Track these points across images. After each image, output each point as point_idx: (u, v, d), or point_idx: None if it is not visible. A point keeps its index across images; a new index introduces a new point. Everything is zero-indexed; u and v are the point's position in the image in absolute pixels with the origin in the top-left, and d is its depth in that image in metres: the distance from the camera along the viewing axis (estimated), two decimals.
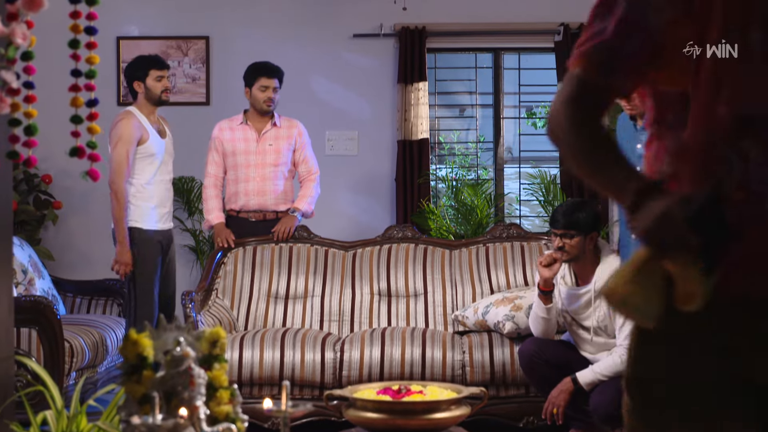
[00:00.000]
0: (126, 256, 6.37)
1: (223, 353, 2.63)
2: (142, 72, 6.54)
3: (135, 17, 8.34)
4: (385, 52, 8.38)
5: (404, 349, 6.02)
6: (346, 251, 6.98)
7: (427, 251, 6.91)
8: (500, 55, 8.62)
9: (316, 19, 8.36)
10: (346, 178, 8.36)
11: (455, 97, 9.19)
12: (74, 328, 6.35)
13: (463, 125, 9.72)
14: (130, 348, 2.45)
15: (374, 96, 8.40)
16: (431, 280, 6.78)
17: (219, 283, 6.80)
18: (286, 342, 6.08)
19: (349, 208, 8.37)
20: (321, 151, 8.24)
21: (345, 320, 6.67)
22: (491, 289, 6.71)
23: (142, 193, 6.47)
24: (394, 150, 8.33)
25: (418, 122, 8.16)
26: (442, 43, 8.47)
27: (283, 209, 6.94)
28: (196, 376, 2.48)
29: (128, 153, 6.34)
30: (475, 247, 6.94)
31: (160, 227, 6.57)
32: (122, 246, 6.38)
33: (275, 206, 6.93)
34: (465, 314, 6.39)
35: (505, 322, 6.03)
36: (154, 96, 6.55)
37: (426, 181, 8.16)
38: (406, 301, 6.73)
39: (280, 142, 6.95)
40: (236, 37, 8.33)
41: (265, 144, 6.92)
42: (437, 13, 8.32)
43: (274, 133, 6.96)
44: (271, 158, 6.90)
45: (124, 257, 6.37)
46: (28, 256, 6.95)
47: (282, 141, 6.95)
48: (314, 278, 6.83)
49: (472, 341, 6.13)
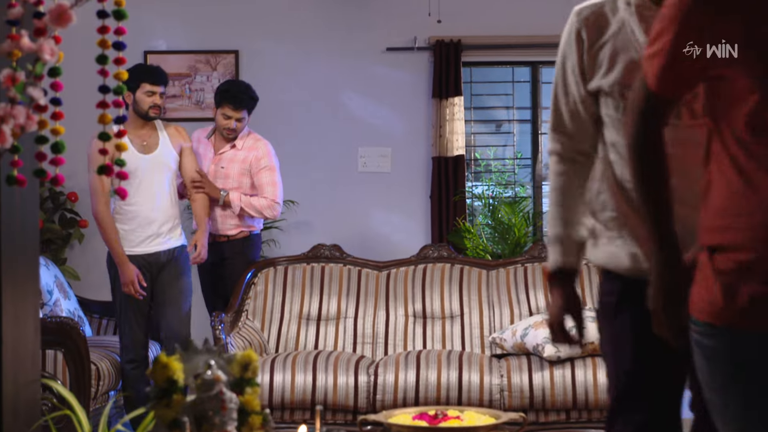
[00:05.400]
0: (128, 275, 6.14)
1: (256, 377, 2.63)
2: (133, 83, 6.19)
3: (162, 31, 8.38)
4: (419, 66, 8.38)
5: (440, 373, 6.00)
6: (380, 271, 6.97)
7: (463, 271, 6.90)
8: (538, 69, 8.60)
9: (348, 33, 8.37)
10: (379, 197, 8.36)
11: (492, 112, 9.17)
12: (101, 350, 6.37)
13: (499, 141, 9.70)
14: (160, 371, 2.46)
15: (408, 111, 8.40)
16: (468, 301, 6.76)
17: (249, 304, 6.81)
18: (318, 365, 6.07)
19: (382, 227, 8.36)
20: (353, 168, 8.25)
21: (379, 343, 6.66)
22: (530, 311, 6.69)
23: (120, 214, 6.24)
24: (428, 167, 8.32)
25: (454, 138, 8.15)
26: (478, 56, 8.46)
27: (234, 233, 6.70)
28: (227, 400, 2.48)
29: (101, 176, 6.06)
30: (513, 267, 6.92)
31: (143, 251, 6.26)
32: (120, 266, 6.16)
33: (225, 230, 6.70)
34: (503, 337, 6.37)
35: (545, 345, 6.01)
36: (141, 110, 6.25)
37: (462, 198, 8.15)
38: (442, 323, 6.72)
39: (233, 165, 6.70)
40: (266, 51, 8.35)
41: (218, 166, 6.71)
42: (473, 26, 8.32)
43: (230, 155, 6.73)
44: (219, 183, 6.66)
45: (125, 276, 6.15)
46: (54, 276, 6.98)
47: (235, 164, 6.70)
48: (347, 299, 6.83)
49: (510, 365, 6.10)
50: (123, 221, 6.23)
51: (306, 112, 8.30)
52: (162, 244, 6.29)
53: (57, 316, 6.11)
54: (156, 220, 6.26)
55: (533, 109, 8.63)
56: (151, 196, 6.24)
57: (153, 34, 8.35)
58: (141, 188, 6.20)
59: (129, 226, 6.23)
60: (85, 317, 7.18)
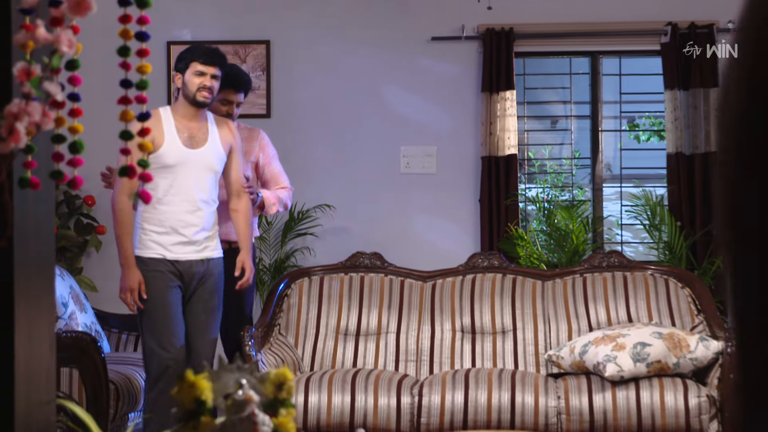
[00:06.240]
0: (130, 280, 5.81)
1: (290, 397, 2.63)
2: (183, 62, 6.03)
3: (187, 19, 8.42)
4: (467, 57, 8.37)
5: (491, 394, 5.99)
6: (425, 282, 6.97)
7: (516, 282, 6.88)
8: (598, 59, 8.57)
9: (389, 21, 8.38)
10: (423, 200, 8.35)
11: (547, 108, 9.17)
12: (120, 368, 6.40)
13: (555, 139, 9.68)
14: (187, 391, 2.46)
15: (455, 107, 8.39)
16: (521, 315, 6.75)
17: (281, 318, 6.83)
18: (357, 384, 6.08)
19: (427, 234, 8.36)
20: (395, 169, 8.25)
21: (423, 360, 6.66)
22: (590, 326, 6.67)
23: (149, 213, 5.90)
24: (477, 167, 8.31)
25: (505, 136, 8.14)
26: (532, 46, 8.45)
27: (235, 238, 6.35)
28: (260, 422, 2.48)
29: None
30: (570, 277, 6.90)
31: (174, 257, 5.91)
32: (125, 267, 5.82)
33: (229, 236, 6.41)
34: (560, 354, 6.35)
35: (606, 364, 5.98)
36: (189, 94, 5.94)
37: (514, 202, 8.13)
38: (493, 338, 6.71)
39: None
40: (300, 41, 8.37)
41: None
42: (526, 13, 8.30)
43: None
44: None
45: (125, 281, 5.82)
46: (69, 287, 7.02)
47: None
48: (389, 313, 6.83)
49: (568, 385, 6.08)
50: (153, 222, 5.88)
51: (343, 109, 8.31)
52: (196, 253, 5.96)
53: (72, 330, 6.15)
54: (192, 225, 5.92)
55: (593, 104, 8.59)
56: (190, 197, 5.91)
57: (177, 23, 8.39)
58: (179, 187, 5.89)
59: (160, 228, 5.89)
60: (102, 332, 7.22)
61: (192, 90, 5.93)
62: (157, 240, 5.89)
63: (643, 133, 10.53)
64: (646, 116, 10.28)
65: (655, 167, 8.60)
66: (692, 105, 7.98)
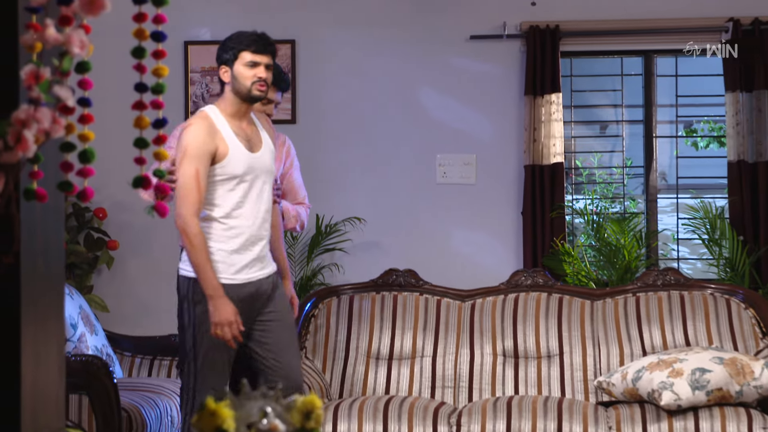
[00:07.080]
0: (226, 312, 5.43)
1: (318, 427, 2.64)
2: (229, 53, 5.62)
3: (206, 17, 8.45)
4: (508, 57, 8.38)
5: (535, 423, 5.99)
6: (463, 302, 6.97)
7: (562, 302, 6.87)
8: (652, 59, 8.56)
9: (423, 18, 8.39)
10: (461, 213, 8.35)
11: (596, 112, 9.15)
12: (133, 395, 6.42)
13: (605, 146, 9.68)
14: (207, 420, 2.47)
15: (495, 111, 8.39)
16: (568, 337, 6.74)
17: (308, 340, 6.84)
18: (390, 413, 6.08)
19: (465, 249, 8.36)
20: (431, 179, 8.25)
21: (462, 387, 6.66)
22: (643, 350, 6.65)
23: (214, 230, 5.53)
24: (520, 177, 8.31)
25: (550, 143, 8.13)
26: (580, 45, 8.44)
27: None
28: None
29: (198, 173, 5.35)
30: (622, 297, 6.88)
31: (245, 278, 5.59)
32: (215, 300, 5.41)
33: None
34: (611, 380, 6.34)
35: (662, 391, 5.97)
36: (242, 89, 5.56)
37: (560, 215, 8.12)
38: (538, 363, 6.70)
39: None
40: (328, 41, 8.39)
41: None
42: (573, 9, 8.30)
43: None
44: None
45: (221, 314, 5.42)
46: (79, 306, 7.05)
47: None
48: (424, 335, 6.83)
49: (620, 414, 6.07)
50: (222, 239, 5.53)
51: (375, 113, 8.32)
52: (264, 269, 5.70)
53: (82, 354, 6.18)
54: (262, 239, 5.66)
55: (646, 108, 8.58)
56: (258, 208, 5.63)
57: (195, 22, 8.43)
58: (249, 197, 5.59)
59: (230, 246, 5.55)
60: (114, 355, 7.25)
61: (246, 84, 5.56)
62: (226, 260, 5.55)
63: (701, 139, 10.50)
64: (705, 121, 10.25)
65: (714, 176, 8.56)
66: (756, 108, 7.95)
